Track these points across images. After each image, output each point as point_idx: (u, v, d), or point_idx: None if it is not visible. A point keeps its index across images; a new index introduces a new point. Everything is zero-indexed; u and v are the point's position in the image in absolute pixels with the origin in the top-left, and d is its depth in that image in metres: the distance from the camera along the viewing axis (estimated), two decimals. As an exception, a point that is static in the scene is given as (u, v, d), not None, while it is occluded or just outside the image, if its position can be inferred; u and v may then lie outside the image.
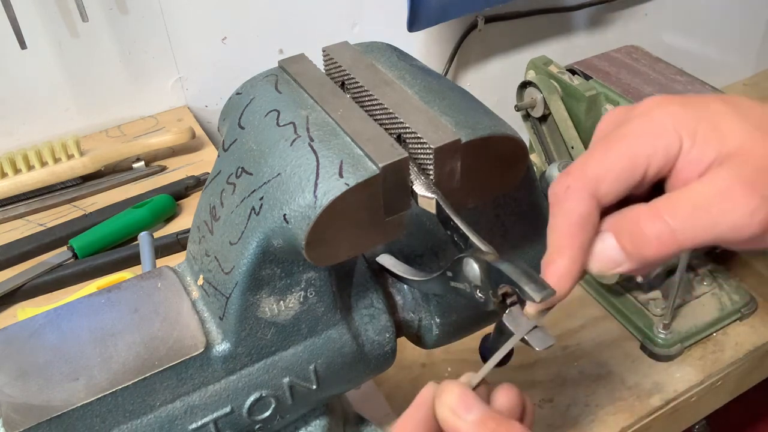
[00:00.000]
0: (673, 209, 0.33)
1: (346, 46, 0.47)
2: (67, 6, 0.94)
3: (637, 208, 0.34)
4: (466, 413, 0.33)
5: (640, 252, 0.33)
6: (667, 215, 0.33)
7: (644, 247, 0.33)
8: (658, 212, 0.33)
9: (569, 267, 0.35)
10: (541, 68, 0.83)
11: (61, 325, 0.44)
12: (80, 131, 1.02)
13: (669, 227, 0.33)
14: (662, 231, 0.33)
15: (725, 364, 0.78)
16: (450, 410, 0.33)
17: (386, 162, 0.37)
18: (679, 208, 0.33)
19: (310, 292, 0.44)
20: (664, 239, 0.33)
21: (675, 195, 0.34)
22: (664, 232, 0.33)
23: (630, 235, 0.34)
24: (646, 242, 0.33)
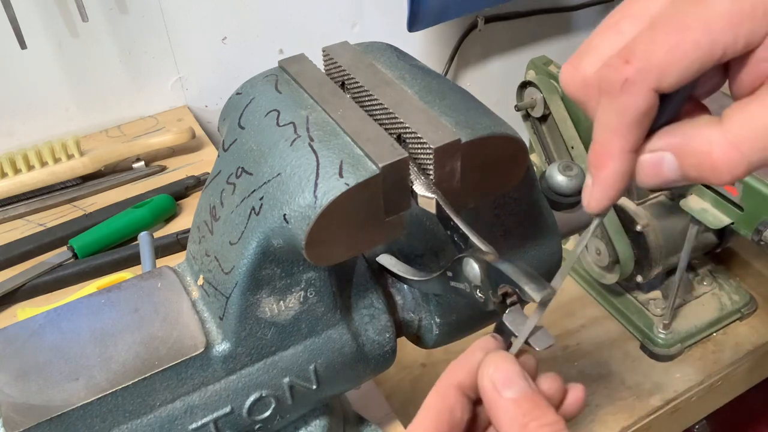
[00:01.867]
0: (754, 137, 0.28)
1: (346, 46, 0.47)
2: (67, 6, 0.94)
3: (706, 131, 0.30)
4: (506, 389, 0.32)
5: (705, 178, 0.30)
6: (746, 145, 0.28)
7: (712, 176, 0.30)
8: (736, 142, 0.29)
9: (620, 170, 0.31)
10: (541, 68, 0.83)
11: (61, 325, 0.44)
12: (80, 131, 1.02)
13: (746, 159, 0.29)
14: (738, 163, 0.29)
15: (725, 364, 0.78)
16: (491, 382, 0.33)
17: (386, 162, 0.37)
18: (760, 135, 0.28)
19: (310, 292, 0.44)
20: (737, 170, 0.29)
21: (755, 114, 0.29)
22: (740, 165, 0.29)
23: (698, 164, 0.30)
24: (716, 173, 0.29)
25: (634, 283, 0.81)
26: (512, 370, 0.33)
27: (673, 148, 0.31)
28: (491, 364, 0.33)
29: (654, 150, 0.31)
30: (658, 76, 0.29)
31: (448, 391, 0.34)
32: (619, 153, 0.31)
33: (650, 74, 0.29)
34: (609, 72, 0.30)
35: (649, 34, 0.29)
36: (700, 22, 0.28)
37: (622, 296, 0.83)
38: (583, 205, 0.33)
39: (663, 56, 0.29)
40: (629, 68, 0.29)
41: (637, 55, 0.29)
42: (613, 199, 0.32)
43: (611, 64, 0.30)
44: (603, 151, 0.31)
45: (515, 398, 0.32)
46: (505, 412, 0.32)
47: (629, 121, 0.30)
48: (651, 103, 0.30)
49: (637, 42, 0.30)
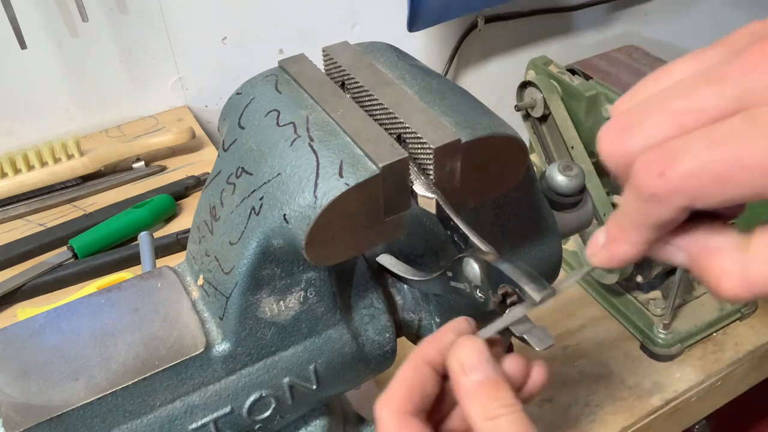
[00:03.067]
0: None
1: (346, 46, 0.47)
2: (67, 6, 0.94)
3: (725, 257, 0.28)
4: (472, 372, 0.34)
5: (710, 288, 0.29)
6: (758, 285, 0.27)
7: (713, 292, 0.29)
8: (751, 281, 0.27)
9: (631, 254, 0.31)
10: (541, 68, 0.83)
11: (61, 325, 0.44)
12: (80, 131, 1.02)
13: (752, 294, 0.27)
14: (742, 295, 0.28)
15: (725, 364, 0.78)
16: (459, 364, 0.34)
17: (386, 162, 0.37)
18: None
19: (310, 292, 0.44)
20: (737, 298, 0.28)
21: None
22: (743, 297, 0.28)
23: (704, 278, 0.29)
24: (718, 294, 0.29)
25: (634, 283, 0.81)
26: (480, 355, 0.35)
27: (689, 252, 0.30)
28: (462, 348, 0.35)
29: (672, 245, 0.30)
30: (692, 200, 0.26)
31: (420, 366, 0.36)
32: (635, 242, 0.30)
33: (683, 196, 0.26)
34: (642, 173, 0.27)
35: (699, 149, 0.25)
36: (762, 162, 0.24)
37: (622, 296, 0.83)
38: (587, 254, 0.33)
39: (704, 184, 0.25)
40: (662, 183, 0.26)
41: (676, 171, 0.26)
42: (616, 267, 0.32)
43: (647, 164, 0.27)
44: (621, 230, 0.30)
45: (479, 381, 0.34)
46: (468, 392, 0.34)
47: (651, 223, 0.29)
48: (678, 216, 0.27)
49: (681, 153, 0.26)
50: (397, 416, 0.34)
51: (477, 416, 0.33)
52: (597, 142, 0.30)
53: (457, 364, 0.35)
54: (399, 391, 0.35)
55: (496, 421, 0.32)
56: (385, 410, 0.35)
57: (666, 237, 0.30)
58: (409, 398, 0.35)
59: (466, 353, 0.35)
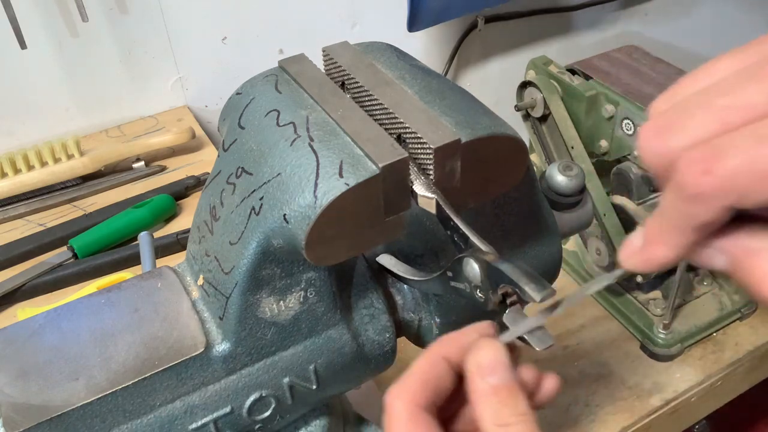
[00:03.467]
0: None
1: (346, 46, 0.47)
2: (67, 6, 0.94)
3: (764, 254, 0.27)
4: (489, 375, 0.34)
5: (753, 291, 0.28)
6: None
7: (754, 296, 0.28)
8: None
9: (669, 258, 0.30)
10: (541, 68, 0.83)
11: (61, 325, 0.44)
12: (80, 131, 1.02)
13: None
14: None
15: (725, 364, 0.78)
16: (477, 366, 0.34)
17: (386, 162, 0.37)
18: None
19: (310, 292, 0.44)
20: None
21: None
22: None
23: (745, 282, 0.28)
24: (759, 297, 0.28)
25: (634, 283, 0.81)
26: (499, 358, 0.34)
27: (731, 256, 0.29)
28: (481, 349, 0.34)
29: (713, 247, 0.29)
30: (738, 198, 0.25)
31: (438, 360, 0.35)
32: (674, 245, 0.29)
33: (728, 195, 0.25)
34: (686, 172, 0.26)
35: (747, 145, 0.25)
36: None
37: (622, 296, 0.83)
38: (620, 257, 0.32)
39: (751, 182, 0.25)
40: (708, 182, 0.25)
41: (722, 169, 0.25)
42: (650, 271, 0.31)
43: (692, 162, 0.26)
44: (661, 232, 0.29)
45: (495, 385, 0.33)
46: (482, 395, 0.33)
47: (693, 225, 0.28)
48: (722, 216, 0.27)
49: (728, 149, 0.25)
50: (409, 407, 0.34)
51: (488, 421, 0.33)
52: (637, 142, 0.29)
53: (474, 365, 0.34)
54: (413, 383, 0.35)
55: (506, 429, 0.32)
56: (397, 400, 0.34)
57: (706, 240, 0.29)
58: (422, 391, 0.34)
59: (485, 355, 0.34)
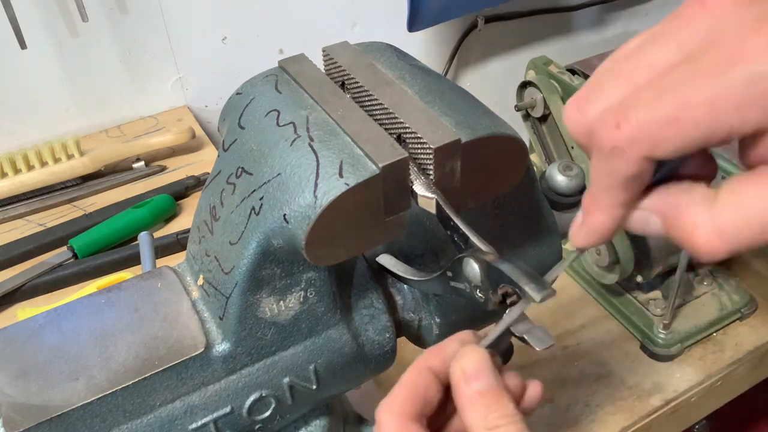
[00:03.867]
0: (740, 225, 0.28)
1: (346, 46, 0.47)
2: (67, 6, 0.94)
3: (696, 210, 0.29)
4: (474, 381, 0.34)
5: (685, 249, 0.30)
6: (731, 233, 0.28)
7: (691, 252, 0.30)
8: (722, 230, 0.28)
9: (607, 223, 0.32)
10: (541, 68, 0.83)
11: (61, 325, 0.44)
12: (80, 131, 1.02)
13: (728, 247, 0.28)
14: (718, 250, 0.28)
15: (725, 364, 0.78)
16: (462, 372, 0.35)
17: (386, 162, 0.37)
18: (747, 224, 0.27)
19: (310, 292, 0.44)
20: (716, 255, 0.29)
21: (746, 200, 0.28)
22: (720, 251, 0.28)
23: (680, 237, 0.30)
24: (696, 251, 0.29)
25: (634, 283, 0.81)
26: (482, 364, 0.35)
27: (661, 214, 0.31)
28: (465, 356, 0.35)
29: (645, 209, 0.31)
30: (650, 147, 0.28)
31: (423, 372, 0.36)
32: (607, 207, 0.31)
33: (641, 144, 0.28)
34: (601, 130, 0.29)
35: (651, 97, 0.27)
36: (708, 100, 0.26)
37: (622, 296, 0.83)
38: (570, 237, 0.34)
39: (658, 128, 0.27)
40: (620, 134, 0.28)
41: (631, 120, 0.28)
42: (598, 242, 0.33)
43: (605, 121, 0.29)
44: (594, 200, 0.32)
45: (480, 390, 0.34)
46: (469, 401, 0.34)
47: (618, 182, 0.30)
48: (642, 169, 0.29)
49: (635, 103, 0.28)
50: (398, 419, 0.34)
51: (477, 425, 0.33)
52: (563, 113, 0.32)
53: (459, 372, 0.35)
54: (401, 395, 0.35)
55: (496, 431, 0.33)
56: (386, 413, 0.35)
57: (637, 202, 0.31)
58: (410, 402, 0.35)
59: (469, 361, 0.35)
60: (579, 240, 0.34)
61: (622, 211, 0.31)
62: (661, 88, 0.27)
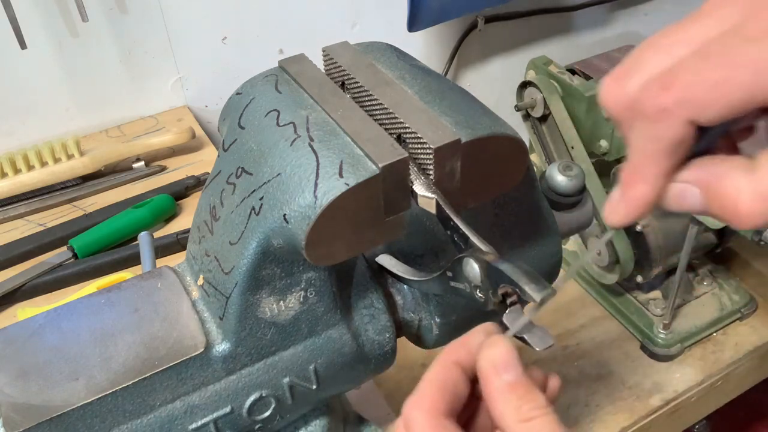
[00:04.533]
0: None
1: (346, 46, 0.47)
2: (67, 6, 0.94)
3: (737, 176, 0.29)
4: (504, 372, 0.33)
5: (726, 220, 0.30)
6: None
7: (734, 221, 0.30)
8: (765, 194, 0.28)
9: (649, 194, 0.32)
10: (541, 68, 0.83)
11: (61, 325, 0.44)
12: (80, 131, 1.02)
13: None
14: (761, 216, 0.29)
15: (725, 364, 0.78)
16: (491, 364, 0.34)
17: (386, 162, 0.37)
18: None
19: (310, 292, 0.44)
20: (759, 221, 0.29)
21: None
22: (763, 217, 0.29)
23: (722, 206, 0.30)
24: (738, 220, 0.30)
25: (634, 283, 0.81)
26: (511, 355, 0.34)
27: (702, 184, 0.31)
28: (493, 347, 0.34)
29: (684, 181, 0.31)
30: (697, 109, 0.28)
31: (451, 366, 0.35)
32: (650, 177, 0.31)
33: (688, 106, 0.28)
34: (647, 96, 0.29)
35: (696, 63, 0.28)
36: (751, 62, 0.27)
37: (622, 296, 0.83)
38: (605, 216, 0.33)
39: (705, 90, 0.28)
40: (668, 96, 0.29)
41: (678, 84, 0.29)
42: (637, 218, 0.32)
43: (650, 87, 0.29)
44: (635, 171, 0.31)
45: (512, 382, 0.33)
46: (500, 393, 0.33)
47: (663, 148, 0.30)
48: (687, 134, 0.29)
49: (680, 69, 0.29)
50: (430, 416, 0.33)
51: (511, 418, 0.32)
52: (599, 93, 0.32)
53: (488, 364, 0.34)
54: (430, 392, 0.34)
55: (530, 423, 0.32)
56: (417, 410, 0.34)
57: (677, 176, 0.31)
58: (441, 399, 0.34)
59: (498, 352, 0.34)
60: (618, 216, 0.33)
61: (664, 182, 0.31)
62: (706, 54, 0.28)
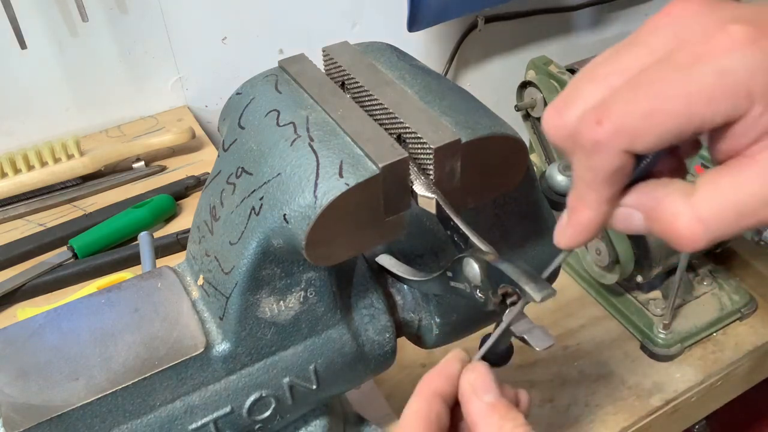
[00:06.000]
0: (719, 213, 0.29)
1: (346, 46, 0.47)
2: (67, 6, 0.94)
3: (675, 201, 0.30)
4: (484, 394, 0.35)
5: (668, 242, 0.31)
6: (711, 221, 0.29)
7: (675, 244, 0.31)
8: (702, 217, 0.29)
9: (593, 220, 0.33)
10: (541, 68, 0.83)
11: (61, 325, 0.44)
12: (80, 131, 1.02)
13: (710, 235, 0.29)
14: (700, 238, 0.30)
15: (725, 364, 0.78)
16: (471, 387, 0.36)
17: (386, 162, 0.37)
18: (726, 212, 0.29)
19: (310, 292, 0.44)
20: (698, 244, 0.30)
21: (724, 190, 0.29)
22: (702, 239, 0.30)
23: (663, 230, 0.31)
24: (679, 243, 0.31)
25: (634, 283, 0.81)
26: (489, 378, 0.36)
27: (642, 208, 0.32)
28: (472, 372, 0.36)
29: (626, 205, 0.32)
30: (630, 140, 0.29)
31: (433, 398, 0.36)
32: (593, 203, 0.32)
33: (622, 137, 0.29)
34: (583, 128, 0.30)
35: (628, 94, 0.29)
36: (681, 93, 0.28)
37: (622, 296, 0.83)
38: (554, 239, 0.35)
39: (637, 121, 0.29)
40: (600, 130, 0.29)
41: (611, 116, 0.29)
42: (584, 241, 0.34)
43: (586, 120, 0.30)
44: (579, 198, 0.33)
45: (492, 403, 0.35)
46: (483, 415, 0.35)
47: (601, 177, 0.31)
48: (624, 162, 0.30)
49: (613, 100, 0.30)
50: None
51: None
52: (542, 120, 0.33)
53: (469, 388, 0.36)
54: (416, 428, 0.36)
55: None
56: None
57: (619, 200, 0.32)
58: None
59: (478, 377, 0.36)
60: (566, 239, 0.34)
61: (607, 207, 0.32)
62: (637, 85, 0.29)
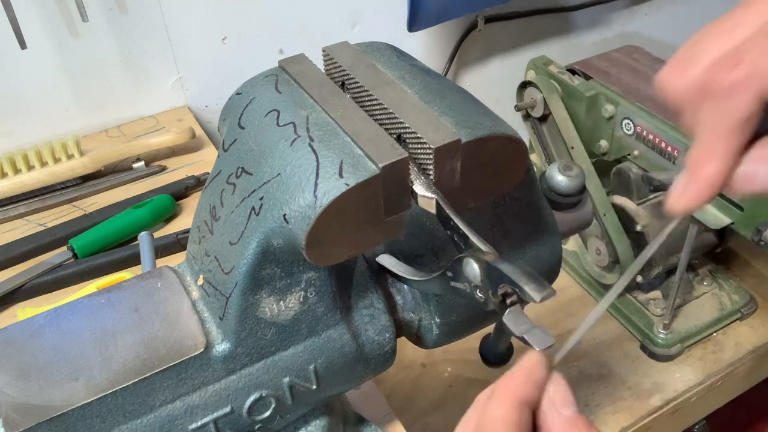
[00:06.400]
0: None
1: (346, 46, 0.47)
2: (67, 6, 0.94)
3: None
4: (564, 408, 0.34)
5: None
6: None
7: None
8: None
9: (720, 173, 0.32)
10: (541, 68, 0.83)
11: (61, 325, 0.44)
12: (80, 131, 1.02)
13: None
14: None
15: (725, 364, 0.78)
16: (551, 401, 0.35)
17: (386, 162, 0.37)
18: None
19: (310, 292, 0.44)
20: None
21: None
22: None
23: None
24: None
25: (634, 283, 0.81)
26: (567, 390, 0.35)
27: None
28: (554, 386, 0.35)
29: (754, 159, 0.31)
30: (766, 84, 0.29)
31: (522, 407, 0.35)
32: (722, 154, 0.31)
33: (759, 80, 0.29)
34: (716, 75, 0.30)
35: (763, 39, 0.29)
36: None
37: (622, 296, 0.83)
38: (669, 205, 0.33)
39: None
40: (739, 71, 0.29)
41: (748, 59, 0.29)
42: (705, 200, 0.32)
43: (719, 66, 0.30)
44: (705, 151, 0.32)
45: (572, 416, 0.34)
46: (564, 428, 0.34)
47: (734, 124, 0.30)
48: (756, 109, 0.30)
49: (748, 46, 0.30)
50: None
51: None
52: (657, 85, 0.32)
53: (549, 402, 0.35)
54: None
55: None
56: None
57: (746, 155, 0.31)
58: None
59: (557, 389, 0.35)
60: (683, 202, 0.33)
61: (734, 161, 0.31)
62: None
